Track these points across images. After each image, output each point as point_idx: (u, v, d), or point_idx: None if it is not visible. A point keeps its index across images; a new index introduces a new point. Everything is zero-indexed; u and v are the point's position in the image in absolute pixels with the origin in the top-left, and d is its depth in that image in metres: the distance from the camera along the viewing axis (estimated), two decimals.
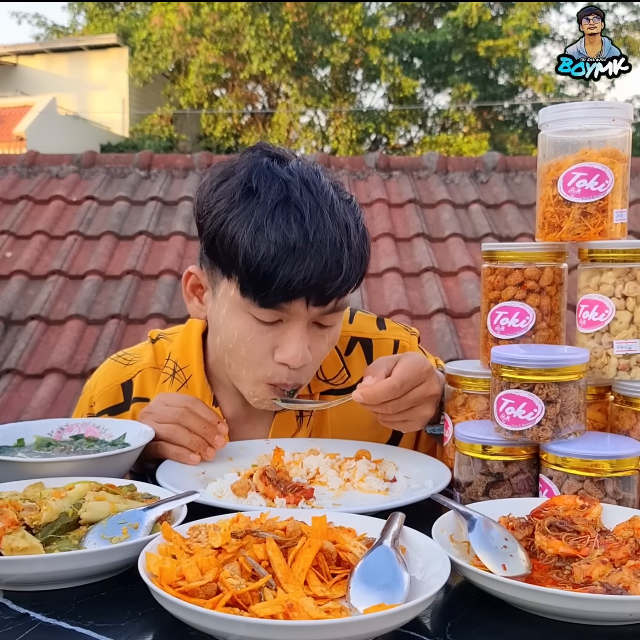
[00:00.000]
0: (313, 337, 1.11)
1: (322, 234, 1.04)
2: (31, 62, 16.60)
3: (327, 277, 1.04)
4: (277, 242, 1.02)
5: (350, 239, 1.07)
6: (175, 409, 1.12)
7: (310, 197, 1.06)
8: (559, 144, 1.05)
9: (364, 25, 15.21)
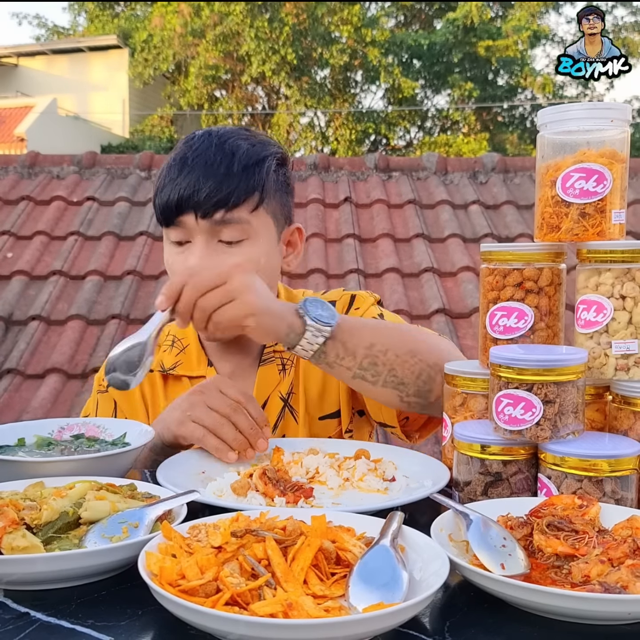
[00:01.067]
0: (220, 254, 1.23)
1: (200, 159, 1.23)
2: (32, 63, 16.62)
3: (198, 188, 1.20)
4: (165, 174, 1.25)
5: (232, 162, 1.22)
6: (229, 402, 1.12)
7: (207, 138, 1.26)
8: (558, 145, 1.05)
9: (363, 27, 15.21)
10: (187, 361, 1.37)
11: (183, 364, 1.37)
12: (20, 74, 16.55)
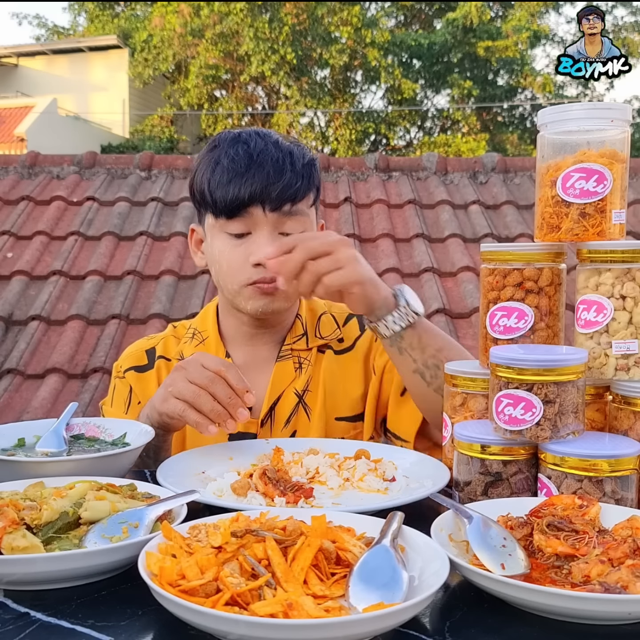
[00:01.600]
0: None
1: (264, 155, 1.29)
2: (32, 63, 16.62)
3: (271, 183, 1.27)
4: (228, 167, 1.29)
5: (294, 159, 1.31)
6: (207, 373, 1.11)
7: (256, 136, 1.33)
8: (558, 145, 1.05)
9: (364, 27, 15.21)
10: (206, 352, 1.39)
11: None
12: (20, 74, 16.55)
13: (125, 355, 1.47)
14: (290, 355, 1.42)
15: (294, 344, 1.42)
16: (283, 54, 14.93)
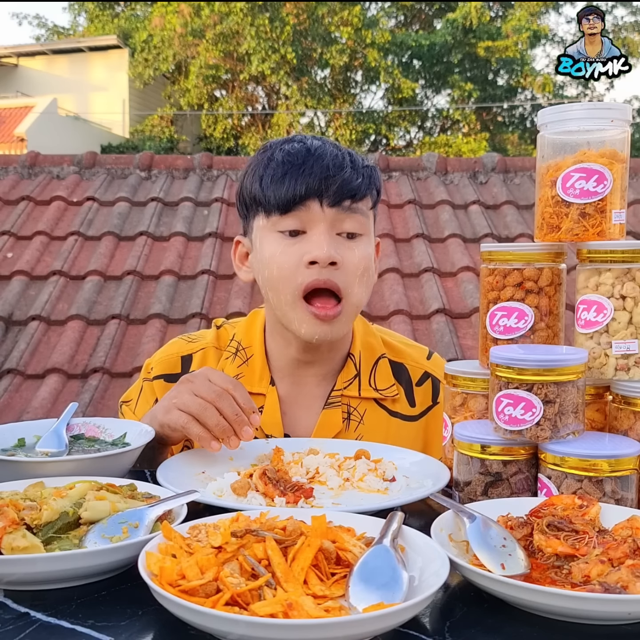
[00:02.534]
0: (340, 246, 1.20)
1: (322, 150, 1.21)
2: (32, 63, 16.61)
3: (330, 175, 1.18)
4: (284, 160, 1.20)
5: (354, 158, 1.23)
6: (215, 387, 1.08)
7: (312, 137, 1.26)
8: (558, 145, 1.05)
9: (364, 27, 15.21)
10: (249, 375, 1.31)
11: (245, 377, 1.31)
12: (20, 74, 16.55)
13: (160, 358, 1.37)
14: (340, 402, 1.30)
15: (344, 389, 1.31)
16: (283, 54, 14.93)
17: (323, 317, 1.19)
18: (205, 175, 5.19)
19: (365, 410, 1.31)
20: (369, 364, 1.34)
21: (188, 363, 1.34)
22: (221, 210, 4.72)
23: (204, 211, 4.78)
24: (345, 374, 1.32)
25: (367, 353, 1.34)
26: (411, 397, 1.34)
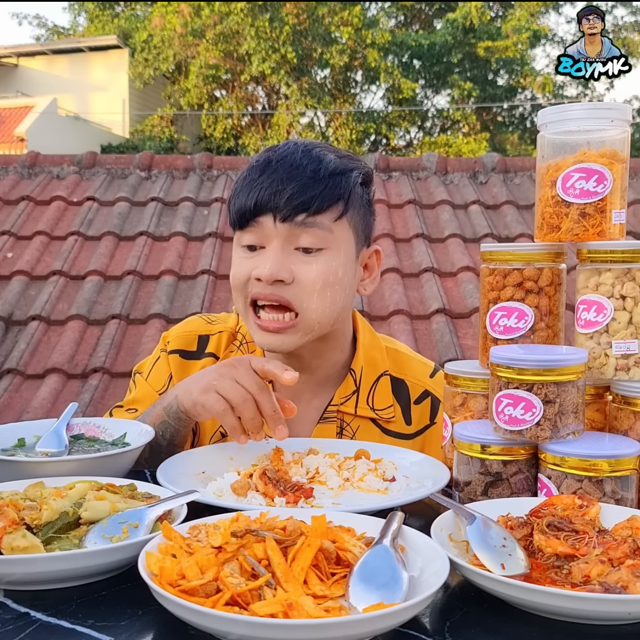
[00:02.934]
0: (296, 262, 1.18)
1: (285, 161, 1.18)
2: (32, 63, 16.62)
3: (281, 189, 1.15)
4: (246, 174, 1.21)
5: (319, 167, 1.17)
6: (258, 379, 1.07)
7: (292, 146, 1.22)
8: (558, 145, 1.05)
9: (364, 27, 15.21)
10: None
11: None
12: (20, 74, 16.55)
13: (177, 334, 1.36)
14: (335, 417, 1.29)
15: (341, 404, 1.29)
16: (283, 54, 14.93)
17: (265, 328, 1.18)
18: (205, 175, 5.19)
19: (359, 427, 1.30)
20: (370, 381, 1.32)
21: (204, 343, 1.34)
22: (221, 210, 4.72)
23: (204, 211, 4.78)
24: (343, 389, 1.30)
25: (370, 369, 1.32)
26: (408, 415, 1.32)
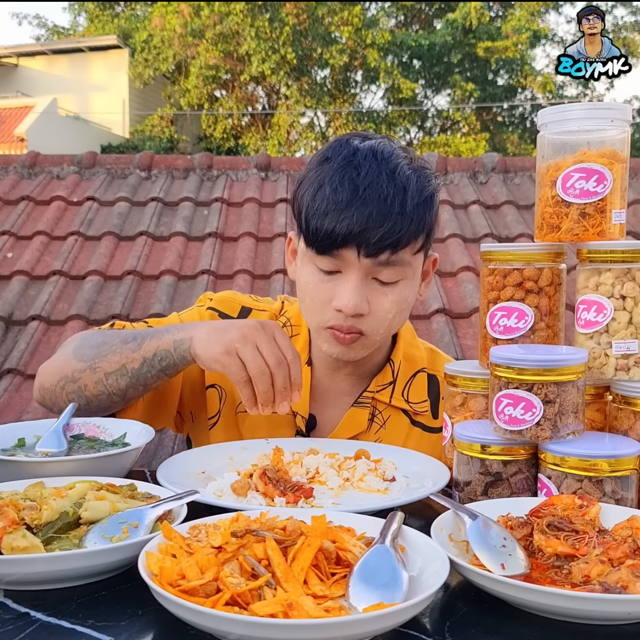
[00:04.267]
0: (373, 292, 1.18)
1: (372, 189, 1.13)
2: (32, 63, 16.62)
3: (371, 226, 1.11)
4: (329, 197, 1.14)
5: (405, 199, 1.14)
6: (277, 352, 1.09)
7: (373, 161, 1.15)
8: (558, 145, 1.05)
9: (364, 27, 15.21)
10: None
11: None
12: (20, 74, 16.55)
13: (223, 297, 1.39)
14: (369, 404, 1.31)
15: (377, 392, 1.31)
16: (283, 54, 14.93)
17: (341, 340, 1.19)
18: (205, 175, 5.19)
19: (390, 416, 1.31)
20: (407, 375, 1.34)
21: (246, 314, 1.37)
22: (221, 210, 4.72)
23: (204, 211, 4.78)
24: (381, 377, 1.32)
25: (408, 364, 1.34)
26: (436, 409, 1.33)
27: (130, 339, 1.22)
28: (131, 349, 1.20)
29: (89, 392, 1.22)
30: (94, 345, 1.24)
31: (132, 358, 1.19)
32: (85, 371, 1.21)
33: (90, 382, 1.21)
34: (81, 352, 1.24)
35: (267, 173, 5.19)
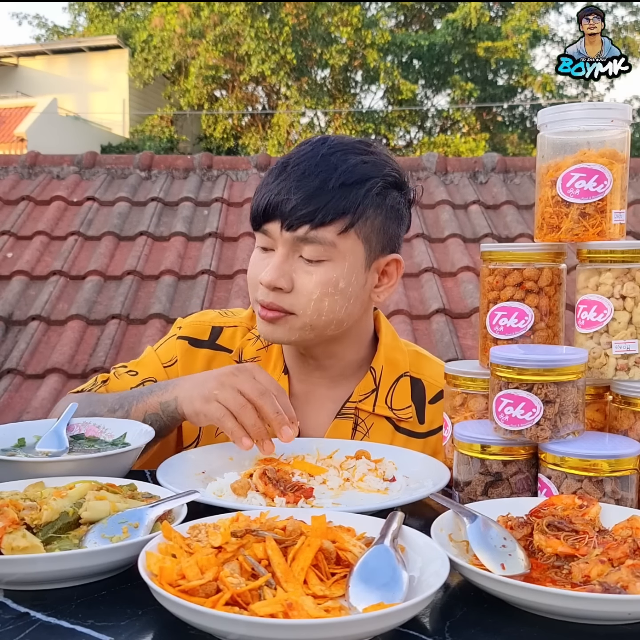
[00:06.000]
0: (297, 270, 1.18)
1: (299, 167, 1.16)
2: (32, 63, 16.62)
3: (289, 199, 1.14)
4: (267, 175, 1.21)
5: (330, 176, 1.14)
6: (259, 386, 1.07)
7: (317, 146, 1.19)
8: (558, 145, 1.05)
9: (364, 27, 15.22)
10: (265, 360, 1.33)
11: (261, 361, 1.33)
12: (20, 74, 16.55)
13: (191, 322, 1.39)
14: (353, 414, 1.29)
15: (359, 402, 1.29)
16: (283, 54, 14.93)
17: (263, 316, 1.20)
18: (205, 175, 5.20)
19: (373, 424, 1.30)
20: (389, 380, 1.31)
21: (217, 334, 1.36)
22: (221, 210, 4.72)
23: (204, 211, 4.78)
24: (362, 386, 1.30)
25: (390, 369, 1.32)
26: (421, 414, 1.32)
27: (117, 406, 1.22)
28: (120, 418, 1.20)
29: None
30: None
31: None
32: None
33: None
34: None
35: None
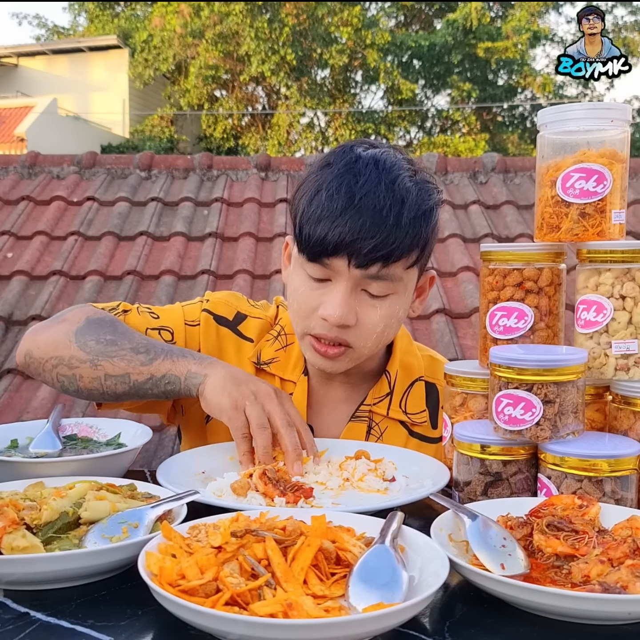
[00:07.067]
0: (361, 304, 1.15)
1: (369, 199, 1.10)
2: (32, 63, 16.62)
3: (363, 237, 1.09)
4: (325, 203, 1.11)
5: (402, 211, 1.11)
6: (288, 419, 1.08)
7: (373, 170, 1.12)
8: (558, 145, 1.05)
9: (364, 27, 15.22)
10: (285, 361, 1.31)
11: (280, 362, 1.31)
12: (20, 74, 16.55)
13: (221, 299, 1.35)
14: (367, 417, 1.29)
15: (374, 405, 1.29)
16: (283, 55, 14.94)
17: (323, 353, 1.18)
18: (205, 175, 5.19)
19: (387, 428, 1.29)
20: (404, 385, 1.31)
21: (240, 320, 1.34)
22: (221, 210, 4.72)
23: (204, 211, 4.78)
24: (377, 390, 1.30)
25: (405, 372, 1.32)
26: (435, 419, 1.32)
27: (143, 349, 1.17)
28: (141, 362, 1.16)
29: (83, 384, 1.18)
30: (101, 339, 1.18)
31: (139, 371, 1.15)
32: (85, 363, 1.17)
33: (87, 376, 1.17)
34: (84, 339, 1.19)
35: (267, 173, 5.19)
